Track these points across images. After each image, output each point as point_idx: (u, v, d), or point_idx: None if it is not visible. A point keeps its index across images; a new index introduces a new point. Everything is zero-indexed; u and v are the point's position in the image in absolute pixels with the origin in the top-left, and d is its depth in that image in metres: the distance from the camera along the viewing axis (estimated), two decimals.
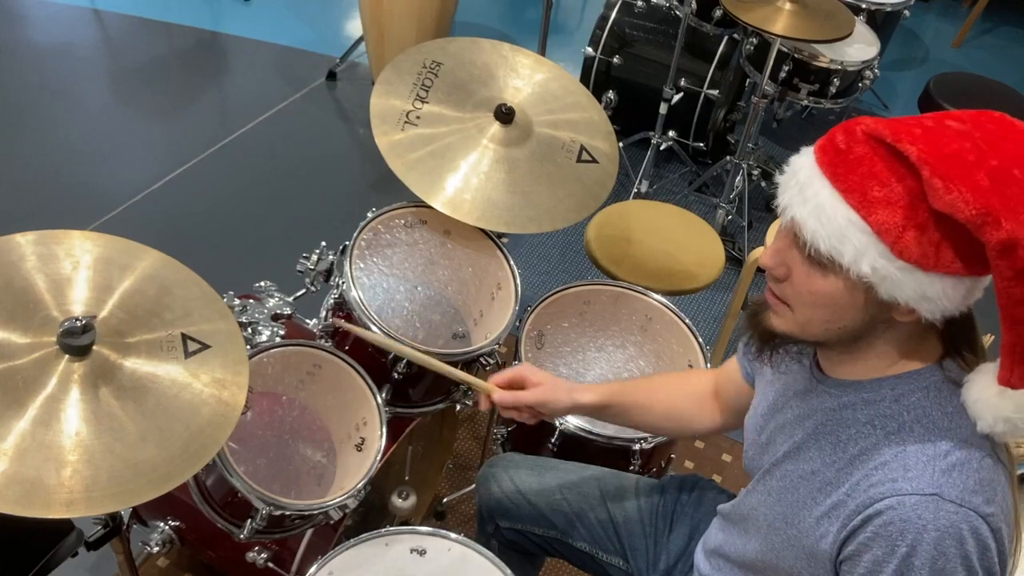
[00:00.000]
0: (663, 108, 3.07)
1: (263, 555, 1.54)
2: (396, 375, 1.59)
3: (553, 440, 1.65)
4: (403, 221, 1.76)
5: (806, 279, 0.96)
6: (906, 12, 3.22)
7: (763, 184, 3.28)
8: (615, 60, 3.25)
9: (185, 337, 1.23)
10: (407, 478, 1.86)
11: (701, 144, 3.29)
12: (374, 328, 1.55)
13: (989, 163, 0.86)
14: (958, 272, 0.89)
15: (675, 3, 3.05)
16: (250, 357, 1.47)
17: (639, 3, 3.23)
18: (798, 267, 0.96)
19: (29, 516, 0.99)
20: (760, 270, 2.59)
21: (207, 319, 1.27)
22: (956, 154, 0.86)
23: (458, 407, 1.91)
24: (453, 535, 1.38)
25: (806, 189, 0.93)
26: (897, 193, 0.88)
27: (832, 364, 1.07)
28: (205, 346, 1.23)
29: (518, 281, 1.71)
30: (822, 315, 0.98)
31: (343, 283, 1.60)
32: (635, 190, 3.22)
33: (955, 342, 1.00)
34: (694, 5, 2.92)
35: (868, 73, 2.91)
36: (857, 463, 0.99)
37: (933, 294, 0.90)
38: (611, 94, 3.13)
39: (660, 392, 1.42)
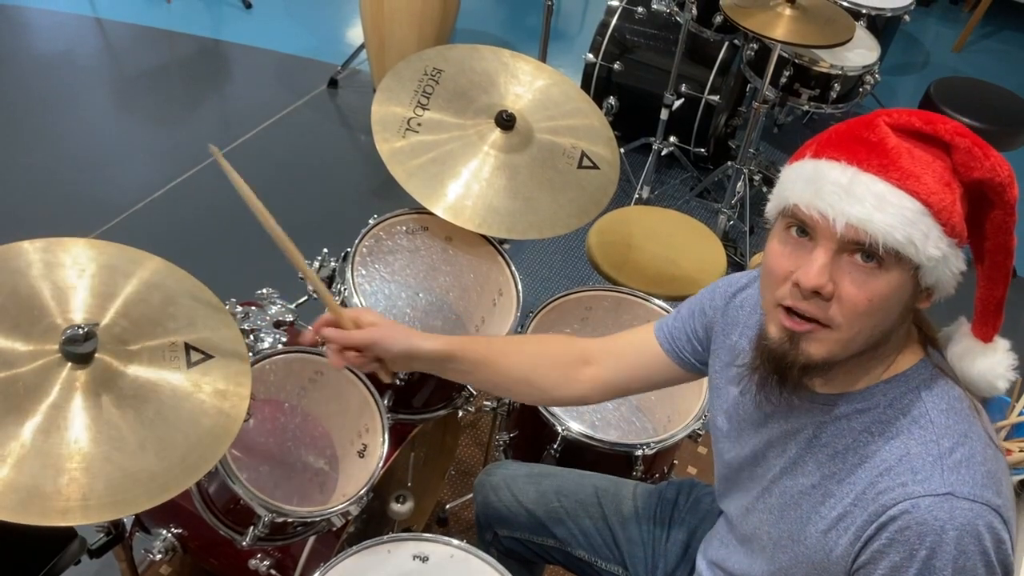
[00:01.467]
0: (664, 114, 3.07)
1: (265, 562, 1.54)
2: (398, 382, 1.59)
3: (555, 446, 1.65)
4: (404, 227, 1.76)
5: (861, 285, 0.91)
6: (906, 17, 3.23)
7: (764, 189, 3.28)
8: (616, 66, 3.26)
9: (188, 347, 1.23)
10: (409, 485, 1.85)
11: (702, 150, 3.29)
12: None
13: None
14: (965, 243, 0.94)
15: (676, 9, 3.06)
16: (252, 364, 1.47)
17: (639, 9, 3.24)
18: (849, 276, 0.92)
19: (24, 523, 0.99)
20: None
21: (211, 328, 1.27)
22: (969, 130, 0.93)
23: (460, 413, 1.91)
24: (455, 541, 1.38)
25: (855, 189, 0.90)
26: (938, 173, 0.91)
27: (820, 381, 1.04)
28: (208, 356, 1.23)
29: (519, 287, 1.71)
30: (873, 322, 0.94)
31: (345, 290, 1.60)
32: (636, 196, 3.22)
33: (920, 325, 1.04)
34: (694, 11, 2.93)
35: (869, 78, 2.91)
36: (859, 472, 0.99)
37: (961, 268, 0.94)
38: (612, 100, 3.14)
39: (515, 354, 1.33)
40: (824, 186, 0.91)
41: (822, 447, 1.03)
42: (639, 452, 1.62)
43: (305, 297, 1.76)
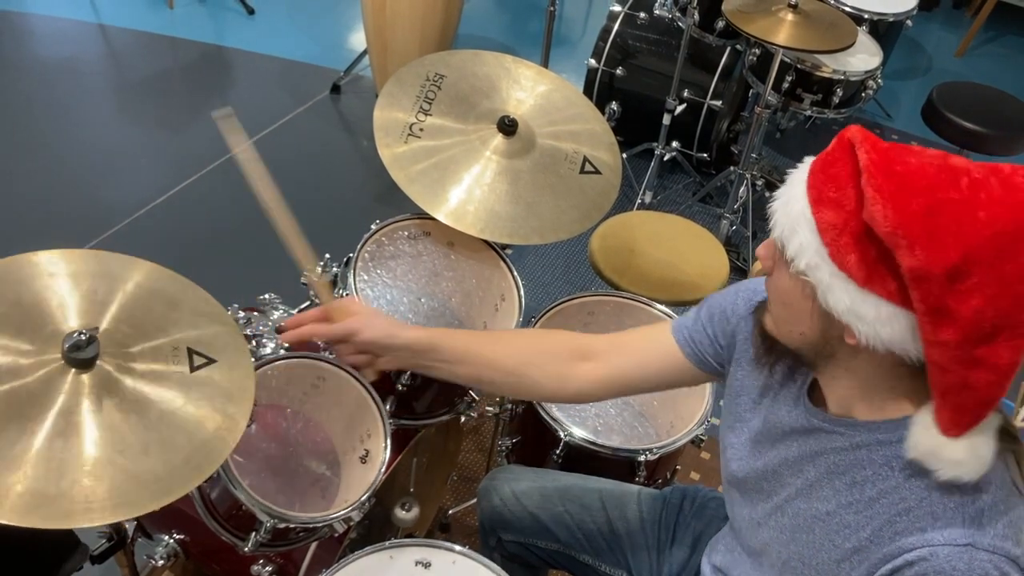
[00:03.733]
0: (666, 119, 3.07)
1: (268, 568, 1.54)
2: (400, 387, 1.59)
3: (558, 452, 1.64)
4: (407, 233, 1.76)
5: (776, 274, 0.99)
6: (909, 22, 3.23)
7: (767, 194, 3.27)
8: (618, 72, 3.26)
9: (191, 351, 1.23)
10: (412, 490, 1.85)
11: (704, 155, 3.29)
12: None
13: (946, 195, 0.83)
14: (894, 300, 0.86)
15: (678, 15, 3.06)
16: (254, 369, 1.47)
17: (641, 15, 3.24)
18: (777, 262, 0.98)
19: (28, 527, 0.99)
20: None
21: (214, 334, 1.27)
22: (908, 174, 0.84)
23: (462, 419, 1.91)
24: (458, 547, 1.37)
25: (793, 185, 0.95)
26: (848, 197, 0.87)
27: (837, 401, 1.04)
28: (211, 360, 1.23)
29: (522, 292, 1.71)
30: (784, 314, 1.00)
31: (347, 295, 1.60)
32: (639, 201, 3.22)
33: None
34: (697, 16, 2.93)
35: (871, 83, 2.91)
36: (877, 507, 0.97)
37: (867, 315, 0.88)
38: (614, 105, 3.14)
39: (505, 345, 1.31)
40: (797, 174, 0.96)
41: (840, 475, 1.02)
42: (642, 457, 1.61)
43: (307, 303, 1.76)
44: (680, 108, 3.07)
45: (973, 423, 0.89)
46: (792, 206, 0.92)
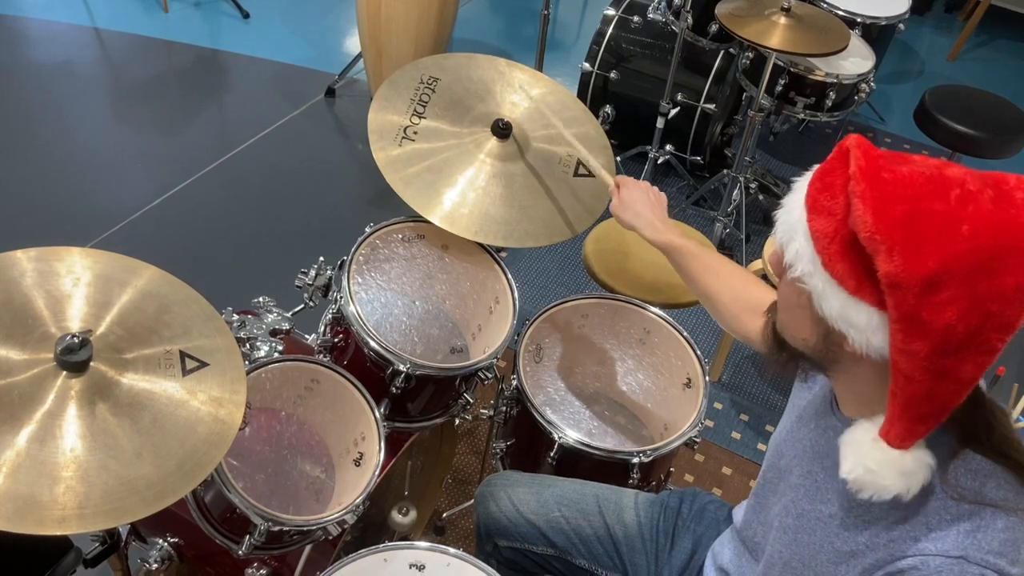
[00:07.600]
0: (660, 122, 3.08)
1: (262, 571, 1.54)
2: (394, 389, 1.59)
3: (552, 454, 1.65)
4: (401, 236, 1.77)
5: (782, 280, 0.99)
6: (901, 25, 3.24)
7: (760, 197, 3.29)
8: (612, 75, 3.27)
9: (183, 354, 1.23)
10: (406, 493, 1.85)
11: (698, 158, 3.30)
12: (372, 343, 1.55)
13: (930, 205, 0.83)
14: (883, 308, 0.86)
15: (671, 18, 3.07)
16: (248, 372, 1.47)
17: (635, 19, 3.25)
18: (780, 268, 0.98)
19: (21, 532, 0.99)
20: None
21: (206, 336, 1.27)
22: (894, 181, 0.84)
23: (457, 421, 1.91)
24: (452, 550, 1.37)
25: (795, 192, 0.95)
26: (840, 204, 0.87)
27: (849, 405, 1.04)
28: (203, 364, 1.23)
29: (516, 295, 1.71)
30: (787, 319, 1.00)
31: (341, 298, 1.60)
32: None
33: (966, 422, 0.93)
34: (690, 20, 2.94)
35: (864, 86, 2.92)
36: (875, 511, 0.97)
37: (858, 322, 0.88)
38: (608, 109, 3.15)
39: (712, 276, 1.46)
40: (801, 181, 0.96)
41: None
42: (636, 460, 1.61)
43: (302, 306, 1.76)
44: (674, 112, 3.08)
45: (925, 434, 0.89)
46: (792, 213, 0.93)
